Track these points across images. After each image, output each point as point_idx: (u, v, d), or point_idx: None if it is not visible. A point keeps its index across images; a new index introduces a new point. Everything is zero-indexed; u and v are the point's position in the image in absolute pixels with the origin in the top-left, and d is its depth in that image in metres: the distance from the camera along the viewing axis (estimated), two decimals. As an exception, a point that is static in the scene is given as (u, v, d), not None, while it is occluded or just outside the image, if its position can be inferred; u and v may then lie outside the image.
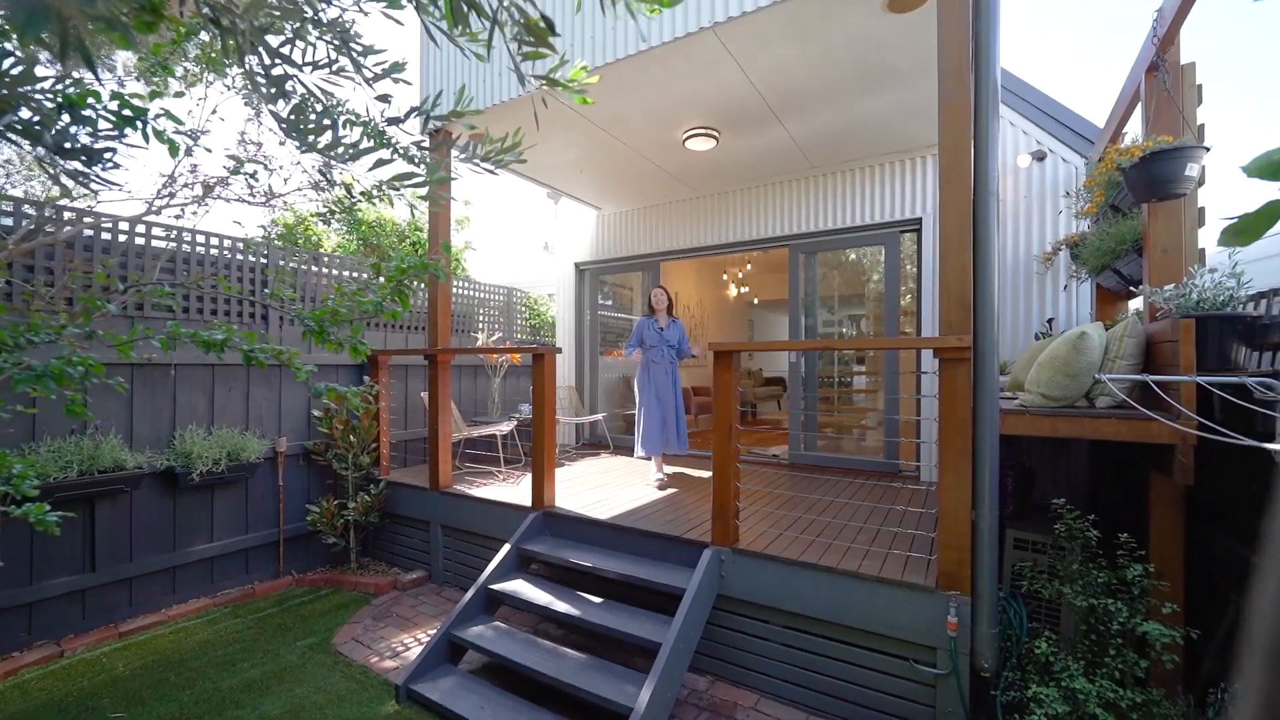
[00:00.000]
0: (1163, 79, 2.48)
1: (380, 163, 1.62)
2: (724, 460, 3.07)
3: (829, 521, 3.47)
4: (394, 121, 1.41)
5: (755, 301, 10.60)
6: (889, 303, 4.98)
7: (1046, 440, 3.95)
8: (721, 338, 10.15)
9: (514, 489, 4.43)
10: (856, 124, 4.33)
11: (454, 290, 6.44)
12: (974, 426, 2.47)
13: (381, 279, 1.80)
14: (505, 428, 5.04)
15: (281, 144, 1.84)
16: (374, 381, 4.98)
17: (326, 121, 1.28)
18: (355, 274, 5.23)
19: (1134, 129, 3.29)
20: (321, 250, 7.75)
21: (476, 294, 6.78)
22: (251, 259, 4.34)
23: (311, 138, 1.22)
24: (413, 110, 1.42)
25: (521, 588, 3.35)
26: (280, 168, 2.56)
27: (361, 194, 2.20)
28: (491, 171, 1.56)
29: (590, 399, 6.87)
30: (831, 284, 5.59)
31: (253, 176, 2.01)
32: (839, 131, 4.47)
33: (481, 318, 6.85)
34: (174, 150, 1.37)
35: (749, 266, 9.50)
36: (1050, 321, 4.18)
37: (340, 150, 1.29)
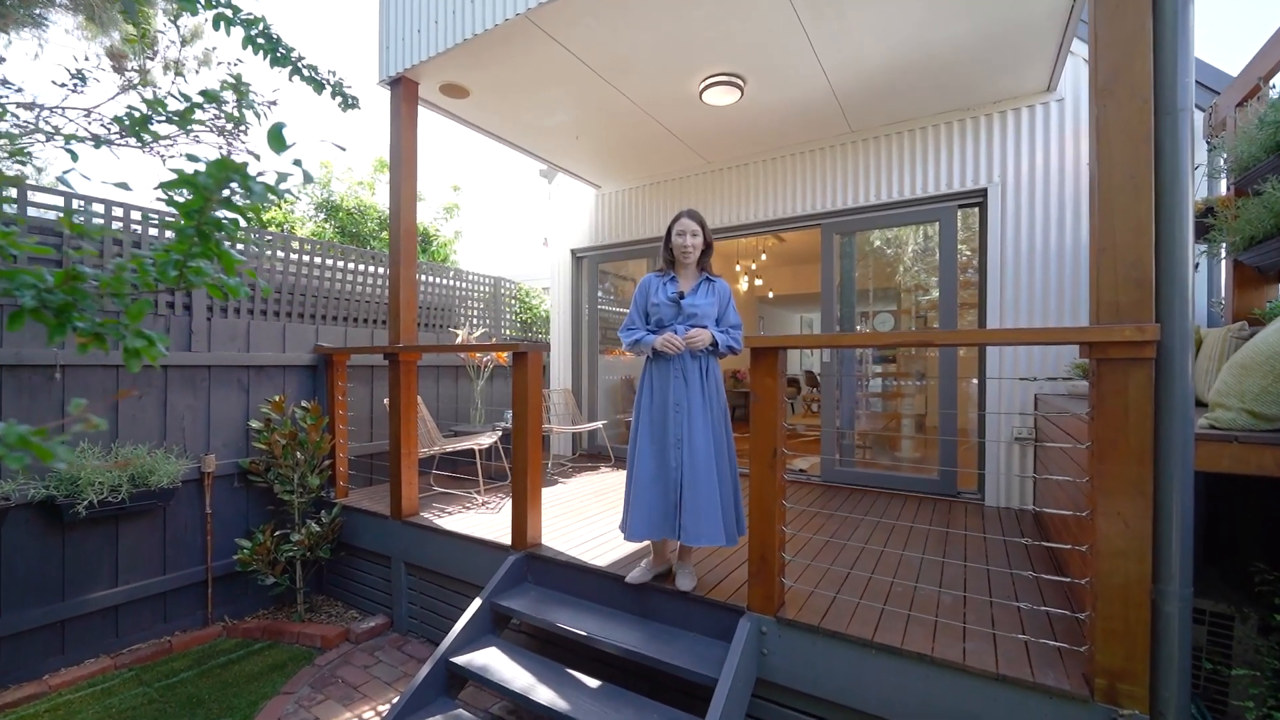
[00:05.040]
0: None
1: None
2: (766, 496, 2.26)
3: (891, 581, 2.64)
4: None
5: (770, 295, 9.76)
6: (945, 288, 4.15)
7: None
8: (732, 335, 9.28)
9: (493, 518, 3.62)
10: (914, 66, 3.50)
11: (431, 279, 5.62)
12: (1154, 459, 1.65)
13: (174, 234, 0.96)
14: (485, 441, 4.22)
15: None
16: (329, 385, 4.18)
17: None
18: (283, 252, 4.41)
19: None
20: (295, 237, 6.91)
21: (458, 284, 5.96)
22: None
23: None
24: None
25: (493, 661, 2.54)
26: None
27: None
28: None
29: (589, 404, 6.05)
30: (869, 269, 4.76)
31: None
32: (891, 77, 3.64)
33: (464, 312, 6.03)
34: None
35: (764, 256, 8.66)
36: (1159, 312, 3.35)
37: None
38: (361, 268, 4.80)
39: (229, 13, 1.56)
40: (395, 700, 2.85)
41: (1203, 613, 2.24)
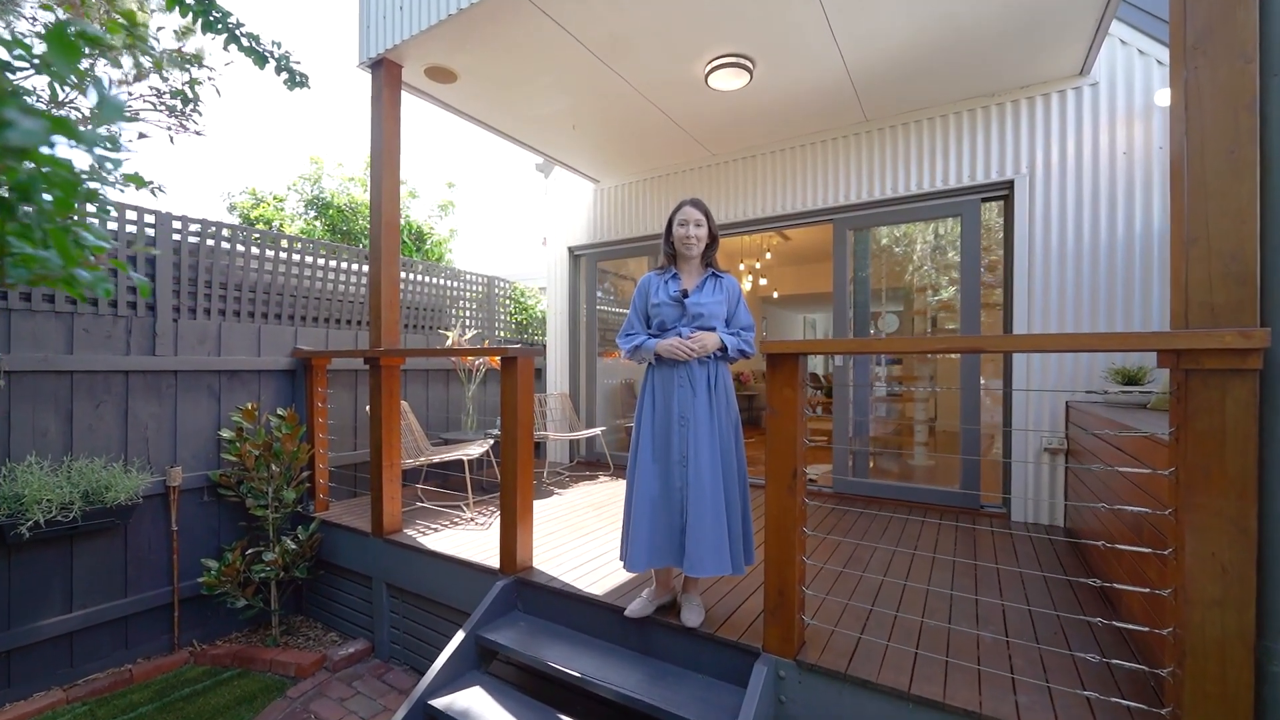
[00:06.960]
0: None
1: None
2: (784, 522, 1.98)
3: (920, 620, 2.37)
4: None
5: (775, 295, 9.47)
6: (967, 287, 3.88)
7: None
8: (736, 336, 8.96)
9: (481, 536, 3.34)
10: (937, 46, 3.23)
11: (419, 279, 5.35)
12: (1260, 490, 1.38)
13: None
14: (475, 451, 3.95)
15: None
16: (308, 391, 3.91)
17: None
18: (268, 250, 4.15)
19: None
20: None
21: (449, 284, 5.68)
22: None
23: None
24: None
25: (476, 704, 2.26)
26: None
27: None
28: None
29: (587, 409, 5.78)
30: (881, 268, 4.49)
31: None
32: (912, 58, 3.37)
33: (455, 313, 5.76)
34: None
35: (768, 255, 8.38)
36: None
37: None
38: (345, 265, 4.53)
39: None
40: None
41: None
